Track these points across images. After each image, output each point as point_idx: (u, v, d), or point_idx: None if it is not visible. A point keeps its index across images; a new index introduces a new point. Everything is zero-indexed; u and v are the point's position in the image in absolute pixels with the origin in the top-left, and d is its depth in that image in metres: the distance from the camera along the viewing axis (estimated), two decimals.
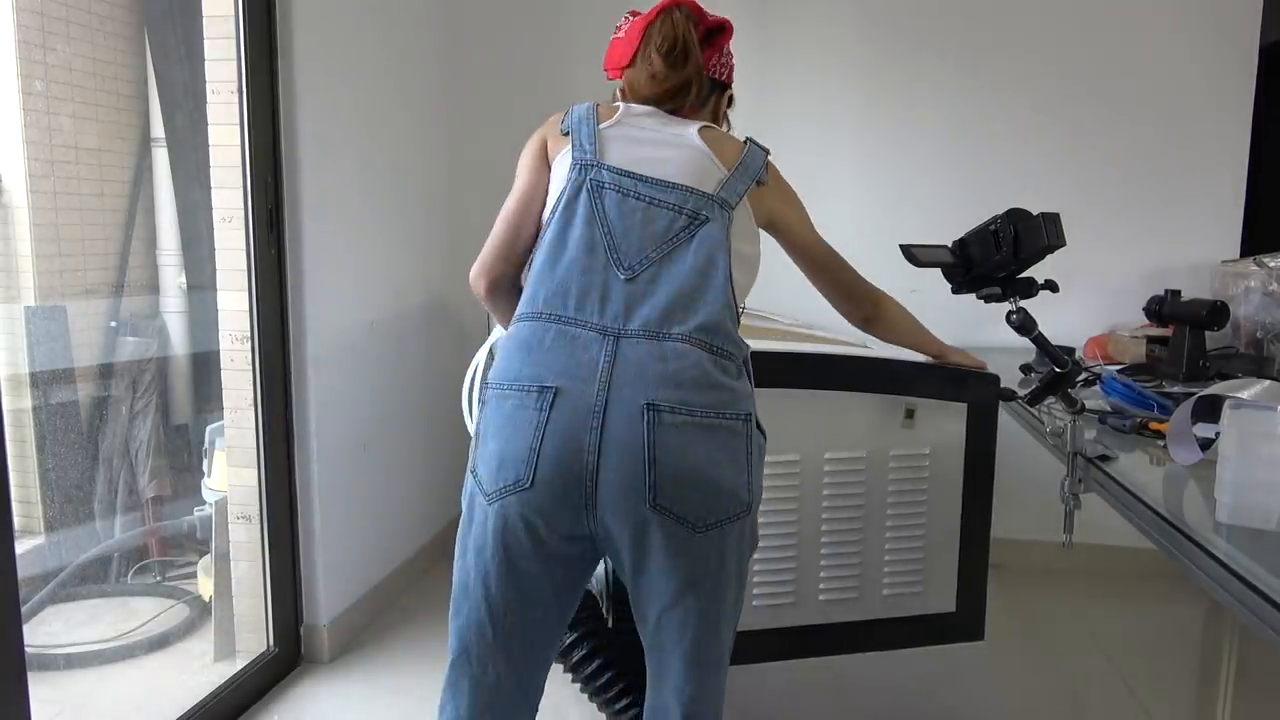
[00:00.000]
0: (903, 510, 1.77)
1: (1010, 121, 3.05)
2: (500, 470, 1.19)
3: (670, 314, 1.23)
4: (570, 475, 1.17)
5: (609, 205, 1.28)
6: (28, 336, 2.62)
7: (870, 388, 1.73)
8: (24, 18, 2.58)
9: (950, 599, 1.80)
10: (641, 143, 1.34)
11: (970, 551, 1.80)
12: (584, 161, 1.30)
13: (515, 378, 1.21)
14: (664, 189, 1.30)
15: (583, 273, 1.25)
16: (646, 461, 1.16)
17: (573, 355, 1.20)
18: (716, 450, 1.20)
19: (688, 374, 1.20)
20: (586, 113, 1.37)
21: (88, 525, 2.76)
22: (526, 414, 1.18)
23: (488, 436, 1.23)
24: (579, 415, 1.17)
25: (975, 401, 1.77)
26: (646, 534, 1.19)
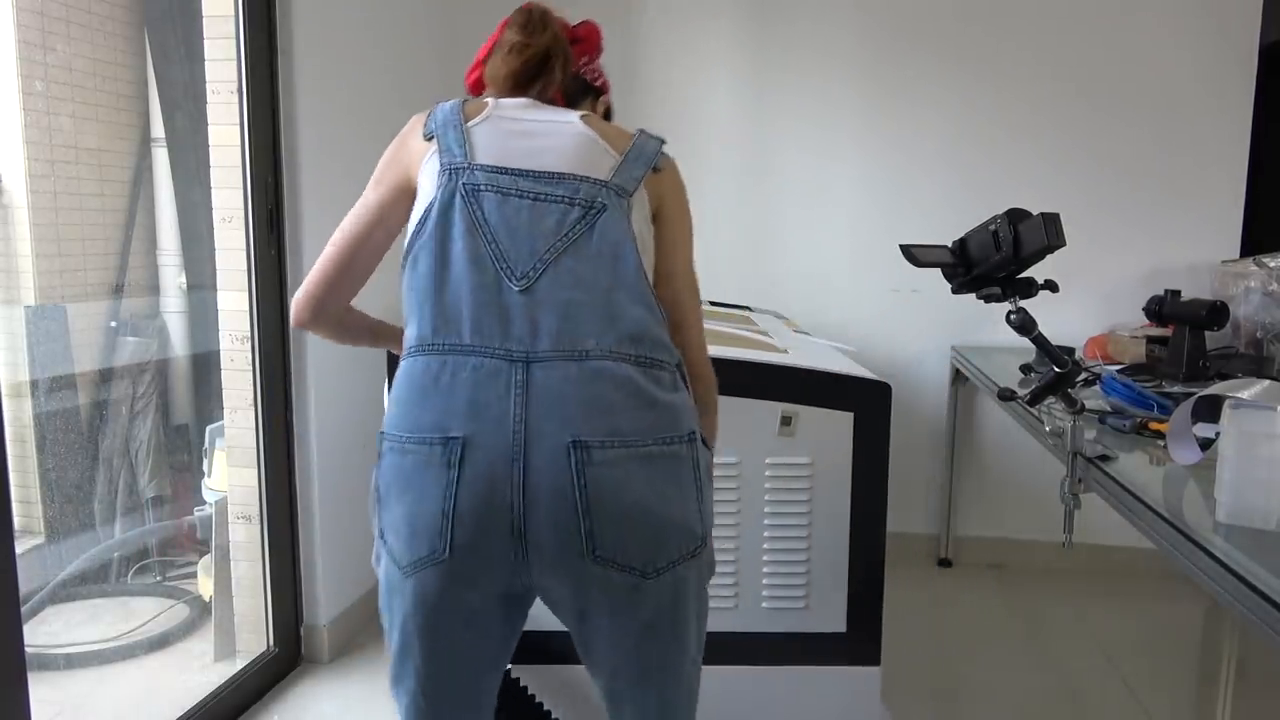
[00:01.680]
0: (782, 521, 1.72)
1: (1010, 122, 3.05)
2: (413, 541, 1.04)
3: (583, 324, 1.05)
4: (494, 537, 1.02)
5: (488, 209, 1.08)
6: (28, 337, 2.62)
7: (745, 392, 1.67)
8: (24, 18, 2.57)
9: (840, 619, 1.74)
10: (516, 134, 1.15)
11: (861, 570, 1.73)
12: (453, 165, 1.11)
13: (414, 427, 1.04)
14: (549, 181, 1.10)
15: (473, 291, 1.05)
16: (580, 509, 1.01)
17: (476, 392, 1.02)
18: (660, 482, 1.05)
19: (616, 397, 1.04)
20: (451, 111, 1.18)
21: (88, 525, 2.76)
22: (433, 472, 1.02)
23: (390, 498, 1.06)
24: (495, 467, 1.00)
25: (862, 410, 1.70)
26: (588, 589, 1.05)
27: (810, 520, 1.72)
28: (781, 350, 1.88)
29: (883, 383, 1.71)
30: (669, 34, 3.17)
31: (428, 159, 1.15)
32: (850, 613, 1.74)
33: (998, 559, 3.18)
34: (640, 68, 3.19)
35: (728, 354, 1.74)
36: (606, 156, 1.15)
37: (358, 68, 2.54)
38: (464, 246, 1.07)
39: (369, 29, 2.60)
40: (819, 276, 3.18)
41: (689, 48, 3.17)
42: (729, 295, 3.03)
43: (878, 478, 1.72)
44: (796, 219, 3.18)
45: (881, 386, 1.70)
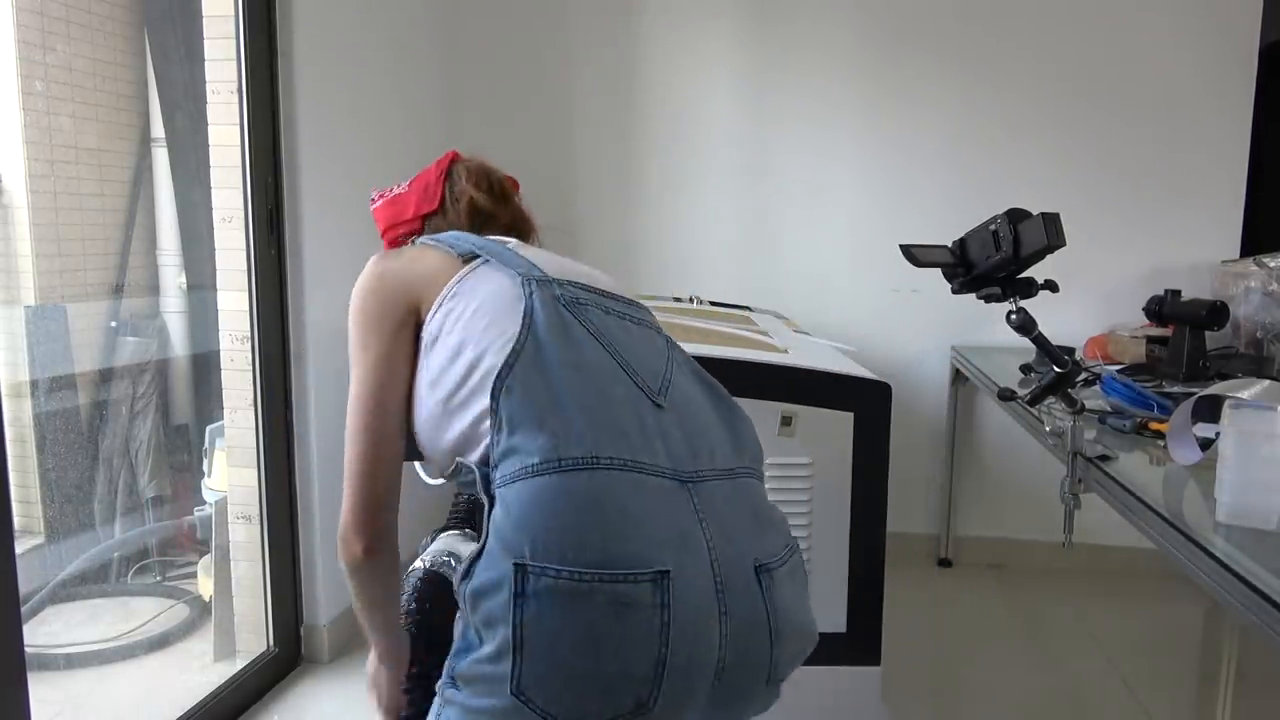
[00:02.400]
0: None
1: (1010, 121, 3.05)
2: (607, 697, 0.84)
3: (721, 441, 1.01)
4: (701, 681, 0.88)
5: (599, 323, 1.01)
6: (28, 337, 2.62)
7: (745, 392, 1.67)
8: (24, 18, 2.58)
9: (841, 619, 1.74)
10: (570, 264, 1.11)
11: (861, 570, 1.72)
12: (532, 275, 1.02)
13: (601, 561, 0.84)
14: (628, 305, 1.09)
15: (620, 404, 0.95)
16: (771, 636, 0.93)
17: (665, 518, 0.89)
18: (804, 595, 1.02)
19: (765, 514, 1.00)
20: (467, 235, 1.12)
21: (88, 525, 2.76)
22: (639, 614, 0.84)
23: (563, 648, 0.84)
24: (704, 601, 0.88)
25: (862, 410, 1.69)
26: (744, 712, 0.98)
27: (810, 520, 1.71)
28: (781, 350, 1.88)
29: (883, 383, 1.71)
30: (669, 34, 3.17)
31: (467, 274, 1.04)
32: (850, 613, 1.73)
33: (998, 559, 3.18)
34: (640, 68, 3.19)
35: (728, 354, 1.74)
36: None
37: (358, 68, 2.54)
38: (595, 357, 0.97)
39: (369, 29, 2.61)
40: (819, 276, 3.18)
41: (689, 48, 3.17)
42: (729, 295, 3.03)
43: (878, 478, 1.71)
44: (796, 219, 3.18)
45: (881, 386, 1.70)
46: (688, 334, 1.94)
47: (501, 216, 1.24)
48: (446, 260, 1.06)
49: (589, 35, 3.19)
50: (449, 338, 1.00)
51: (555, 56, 3.23)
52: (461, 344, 0.99)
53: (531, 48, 3.24)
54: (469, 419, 0.96)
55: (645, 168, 3.23)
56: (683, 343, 1.78)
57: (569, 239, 3.29)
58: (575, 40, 3.21)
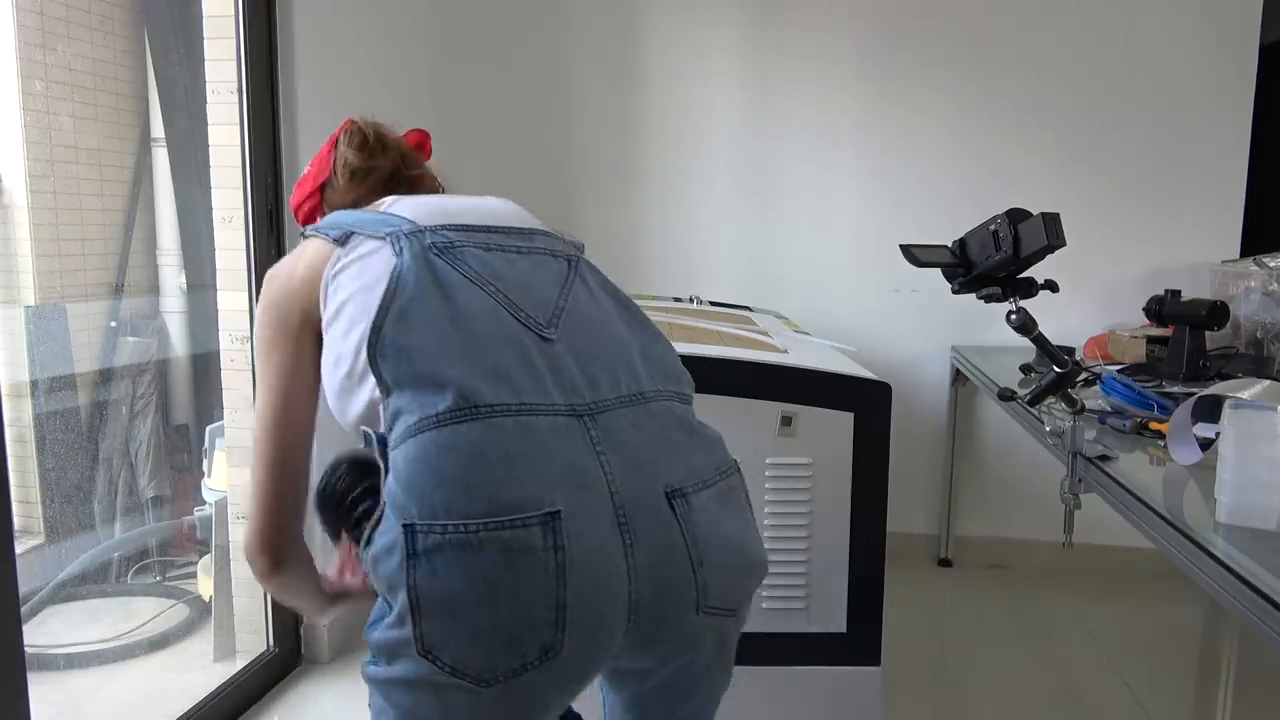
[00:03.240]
0: (782, 522, 1.71)
1: (1010, 122, 3.05)
2: (512, 646, 0.84)
3: (628, 365, 0.99)
4: (612, 617, 0.87)
5: (478, 263, 0.99)
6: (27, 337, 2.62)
7: (745, 392, 1.67)
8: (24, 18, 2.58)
9: (841, 619, 1.73)
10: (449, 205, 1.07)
11: (861, 571, 1.72)
12: (402, 232, 0.99)
13: (492, 509, 0.83)
14: (522, 236, 1.06)
15: (504, 344, 0.92)
16: (693, 563, 0.91)
17: (555, 456, 0.87)
18: (735, 516, 0.99)
19: (679, 436, 0.98)
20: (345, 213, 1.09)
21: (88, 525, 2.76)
22: (531, 559, 0.83)
23: (458, 601, 0.83)
24: (603, 534, 0.86)
25: (862, 410, 1.69)
26: (684, 648, 0.96)
27: (810, 520, 1.71)
28: (781, 350, 1.88)
29: (883, 383, 1.71)
30: (669, 35, 3.17)
31: (344, 255, 1.01)
32: (850, 613, 1.73)
33: (998, 559, 3.18)
34: (640, 69, 3.19)
35: (728, 354, 1.74)
36: (532, 218, 1.13)
37: (357, 68, 2.54)
38: (471, 302, 0.94)
39: (369, 30, 2.61)
40: (819, 277, 3.18)
41: (689, 49, 3.17)
42: (729, 295, 3.03)
43: (878, 478, 1.71)
44: (797, 219, 3.18)
45: (881, 386, 1.70)
46: (688, 334, 1.95)
47: (380, 167, 1.21)
48: (324, 248, 1.04)
49: (589, 36, 3.19)
50: (341, 319, 0.99)
51: (555, 57, 3.23)
52: (352, 320, 0.97)
53: (532, 49, 3.24)
54: (368, 391, 0.95)
55: (645, 168, 3.23)
56: (683, 343, 1.80)
57: None
58: (575, 41, 3.21)
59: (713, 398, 1.66)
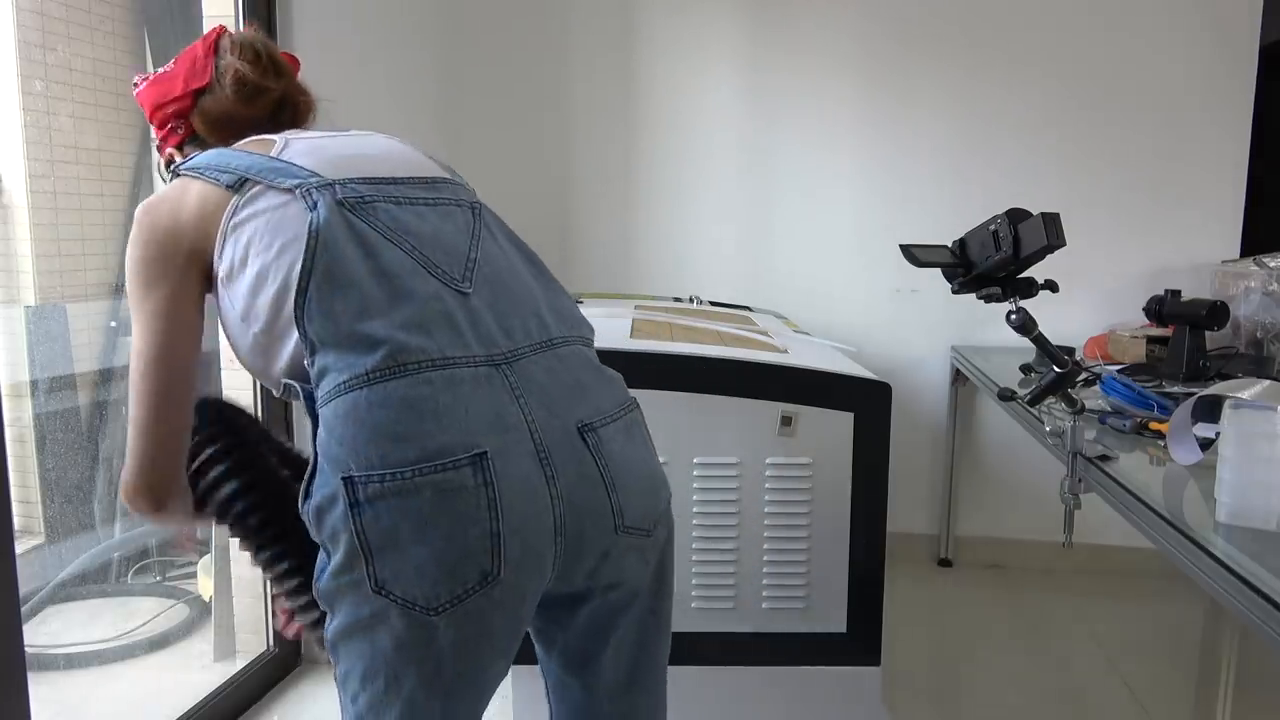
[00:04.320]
0: (782, 522, 1.71)
1: (1010, 121, 3.05)
2: (454, 575, 0.91)
3: (535, 314, 1.06)
4: (543, 542, 0.96)
5: (391, 218, 1.00)
6: (28, 337, 2.62)
7: (745, 392, 1.67)
8: (24, 18, 2.57)
9: (841, 619, 1.74)
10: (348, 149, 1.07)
11: (861, 571, 1.73)
12: (309, 185, 0.99)
13: (426, 455, 0.90)
14: (428, 187, 1.07)
15: (426, 301, 0.97)
16: (607, 487, 1.00)
17: (478, 403, 0.94)
18: (643, 445, 1.10)
19: (586, 377, 1.06)
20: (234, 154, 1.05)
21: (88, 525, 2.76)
22: (466, 496, 0.91)
23: (399, 541, 0.90)
24: (527, 469, 0.95)
25: (862, 410, 1.69)
26: (609, 561, 1.05)
27: (810, 520, 1.72)
28: (781, 350, 1.88)
29: (883, 383, 1.71)
30: (670, 34, 3.17)
31: (241, 204, 1.00)
32: (850, 613, 1.73)
33: (998, 559, 3.18)
34: (640, 68, 3.19)
35: (728, 354, 1.74)
36: (426, 156, 1.14)
37: (357, 69, 2.54)
38: (388, 262, 0.97)
39: (368, 30, 2.61)
40: (819, 276, 3.18)
41: (689, 47, 3.17)
42: (729, 295, 3.03)
43: (878, 478, 1.71)
44: (797, 219, 3.18)
45: (881, 386, 1.70)
46: (688, 334, 1.95)
47: (273, 90, 1.17)
48: (215, 192, 1.01)
49: (589, 35, 3.19)
50: (246, 270, 0.99)
51: (556, 57, 3.23)
52: (261, 275, 0.98)
53: (532, 49, 3.24)
54: (290, 347, 0.98)
55: (645, 168, 3.23)
56: (683, 343, 1.80)
57: (569, 239, 3.29)
58: (575, 40, 3.21)
59: (713, 398, 1.66)
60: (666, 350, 1.71)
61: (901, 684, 2.30)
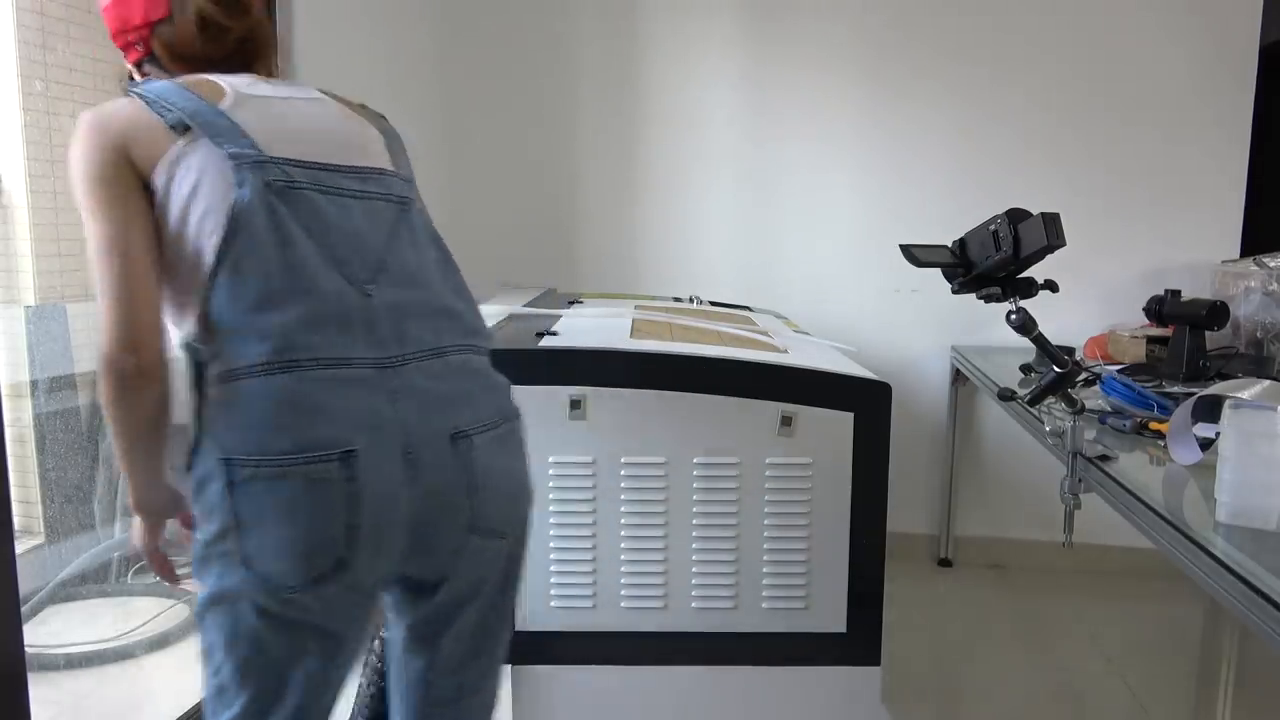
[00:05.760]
0: (782, 522, 1.71)
1: (1011, 121, 3.05)
2: (311, 560, 0.99)
3: (433, 322, 1.09)
4: (396, 536, 1.04)
5: (316, 210, 1.03)
6: (28, 337, 2.62)
7: (745, 392, 1.67)
8: (24, 18, 2.57)
9: (841, 619, 1.73)
10: (292, 122, 1.08)
11: (861, 571, 1.72)
12: (245, 158, 1.01)
13: (298, 446, 0.97)
14: (360, 177, 1.09)
15: (325, 299, 1.01)
16: (468, 491, 1.07)
17: (354, 403, 1.00)
18: (511, 456, 1.16)
19: (473, 387, 1.11)
20: (183, 93, 1.03)
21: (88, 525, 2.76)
22: (328, 489, 0.98)
23: (266, 521, 0.98)
24: (393, 472, 1.01)
25: (862, 410, 1.69)
26: (460, 558, 1.12)
27: (810, 520, 1.71)
28: (781, 350, 1.88)
29: (883, 383, 1.71)
30: (670, 33, 3.17)
31: (182, 150, 1.01)
32: (850, 613, 1.73)
33: (998, 559, 3.18)
34: (640, 67, 3.19)
35: (728, 354, 1.74)
36: (374, 135, 1.17)
37: (357, 68, 2.54)
38: (301, 254, 1.01)
39: (369, 29, 2.61)
40: (819, 277, 3.18)
41: (689, 47, 3.17)
42: (729, 295, 3.03)
43: (878, 478, 1.71)
44: (797, 219, 3.18)
45: (881, 386, 1.70)
46: (688, 334, 1.95)
47: (235, 29, 1.15)
48: (159, 128, 1.01)
49: (590, 36, 3.19)
50: (172, 227, 1.02)
51: (556, 57, 3.23)
52: (182, 237, 1.02)
53: (533, 48, 3.24)
54: (198, 313, 1.01)
55: (645, 167, 3.23)
56: (683, 343, 1.80)
57: (570, 238, 3.29)
58: (575, 39, 3.20)
59: (713, 398, 1.66)
60: (666, 350, 1.71)
61: (901, 684, 2.30)
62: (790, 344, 2.03)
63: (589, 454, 1.65)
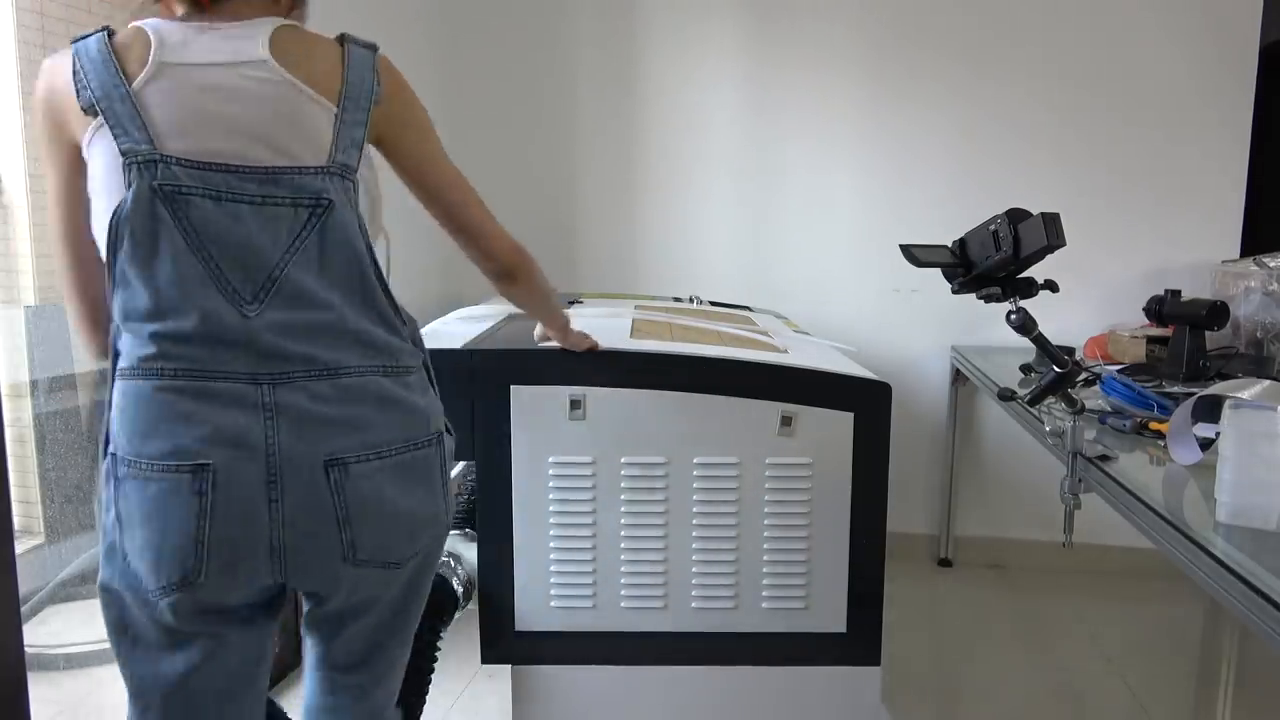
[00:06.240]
0: (782, 522, 1.70)
1: (1011, 121, 3.05)
2: (160, 566, 1.00)
3: (326, 342, 1.02)
4: (251, 558, 1.01)
5: (202, 218, 0.97)
6: (27, 337, 2.62)
7: (745, 392, 1.67)
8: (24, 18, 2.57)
9: (841, 619, 1.73)
10: (208, 103, 0.98)
11: (861, 571, 1.72)
12: (138, 156, 0.95)
13: (156, 454, 0.97)
14: (266, 179, 0.99)
15: (201, 319, 0.98)
16: (340, 522, 1.02)
17: (220, 418, 0.98)
18: (412, 484, 1.08)
19: (367, 410, 1.04)
20: (103, 64, 0.99)
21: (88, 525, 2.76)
22: (181, 499, 0.97)
23: (134, 523, 1.00)
24: (250, 490, 0.99)
25: (862, 410, 1.69)
26: (341, 582, 1.09)
27: (810, 520, 1.71)
28: (781, 350, 1.88)
29: (883, 383, 1.71)
30: (669, 33, 3.17)
31: (93, 136, 0.98)
32: (850, 613, 1.73)
33: (998, 559, 3.18)
34: (640, 67, 3.19)
35: (728, 354, 1.74)
36: (320, 113, 1.03)
37: None
38: (181, 269, 0.97)
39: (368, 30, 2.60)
40: (819, 276, 3.18)
41: (689, 47, 3.17)
42: (729, 295, 3.03)
43: (878, 478, 1.71)
44: (797, 219, 3.18)
45: (881, 386, 1.70)
46: (688, 334, 1.95)
47: None
48: (75, 111, 1.00)
49: (589, 34, 3.19)
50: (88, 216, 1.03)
51: (556, 57, 3.23)
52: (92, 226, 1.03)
53: (533, 49, 3.24)
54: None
55: (645, 167, 3.23)
56: (683, 343, 1.80)
57: (570, 239, 3.29)
58: (575, 39, 3.20)
59: (713, 398, 1.66)
60: (666, 350, 1.71)
61: (901, 684, 2.30)
62: (790, 344, 2.03)
63: (589, 454, 1.65)
